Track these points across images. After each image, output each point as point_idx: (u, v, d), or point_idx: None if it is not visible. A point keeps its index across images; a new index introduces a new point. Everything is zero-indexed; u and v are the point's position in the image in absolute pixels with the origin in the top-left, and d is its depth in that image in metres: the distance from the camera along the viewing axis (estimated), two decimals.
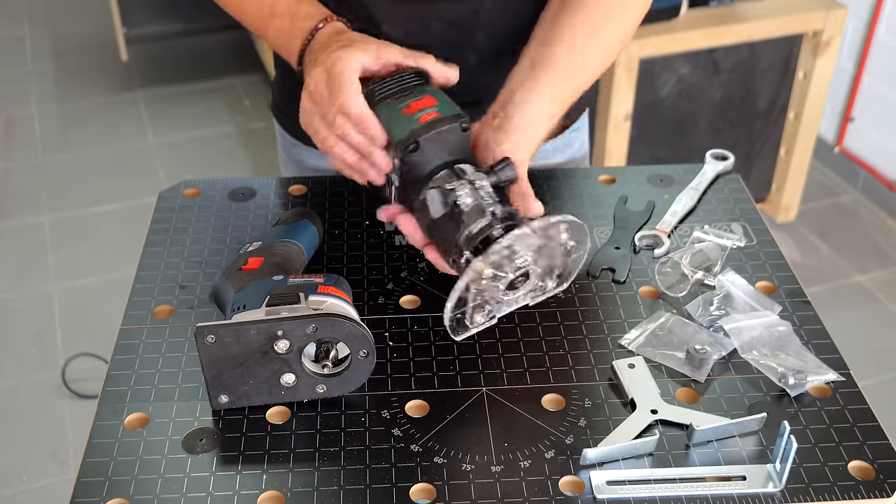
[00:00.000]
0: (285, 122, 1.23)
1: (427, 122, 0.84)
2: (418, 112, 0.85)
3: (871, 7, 2.71)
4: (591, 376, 0.88)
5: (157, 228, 1.06)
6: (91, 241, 2.73)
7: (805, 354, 0.89)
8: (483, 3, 1.04)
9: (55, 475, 2.05)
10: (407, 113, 0.85)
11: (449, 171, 0.84)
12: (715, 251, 0.99)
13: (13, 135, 3.23)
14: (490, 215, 0.79)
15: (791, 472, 0.77)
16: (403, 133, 0.84)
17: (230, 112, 3.34)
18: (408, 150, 0.84)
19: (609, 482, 0.77)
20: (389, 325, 0.93)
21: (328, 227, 1.06)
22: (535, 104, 0.93)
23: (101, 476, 0.78)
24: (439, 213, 0.82)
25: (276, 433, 0.82)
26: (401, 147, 0.84)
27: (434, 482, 0.77)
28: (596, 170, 1.17)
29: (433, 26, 1.04)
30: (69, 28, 3.88)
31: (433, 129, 0.84)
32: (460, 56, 1.06)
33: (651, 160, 2.49)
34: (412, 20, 1.04)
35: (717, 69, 2.42)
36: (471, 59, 1.07)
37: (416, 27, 1.04)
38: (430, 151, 0.84)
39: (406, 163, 0.85)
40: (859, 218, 2.82)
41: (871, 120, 2.82)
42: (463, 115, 0.86)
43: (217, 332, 0.79)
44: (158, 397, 0.85)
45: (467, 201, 0.81)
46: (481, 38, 1.06)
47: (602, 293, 0.98)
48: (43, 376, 2.28)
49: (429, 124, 0.84)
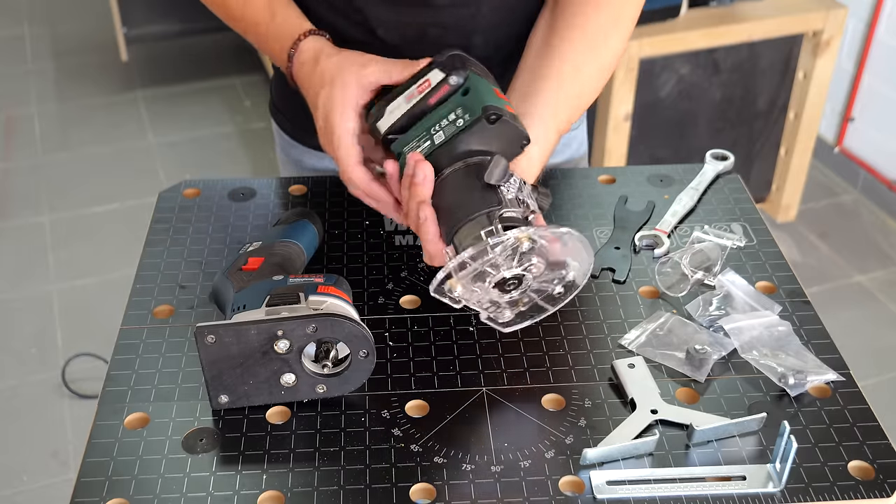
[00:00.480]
0: (283, 123, 1.23)
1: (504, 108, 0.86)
2: (500, 99, 0.87)
3: (871, 7, 2.71)
4: (591, 376, 0.88)
5: (157, 228, 1.06)
6: (91, 241, 2.73)
7: (805, 354, 0.89)
8: (480, 7, 1.03)
9: (55, 475, 2.05)
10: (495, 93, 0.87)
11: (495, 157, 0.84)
12: (715, 251, 0.99)
13: (13, 135, 3.23)
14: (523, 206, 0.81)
15: (791, 472, 0.77)
16: (481, 105, 0.85)
17: (230, 112, 3.35)
18: (489, 120, 0.85)
19: (609, 482, 0.78)
20: (389, 325, 0.93)
21: (328, 227, 1.06)
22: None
23: (101, 476, 0.78)
24: (493, 179, 0.81)
25: (276, 433, 0.82)
26: (484, 115, 0.85)
27: (434, 482, 0.77)
28: (596, 170, 1.17)
29: (430, 32, 1.04)
30: (69, 28, 3.88)
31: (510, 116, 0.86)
32: None
33: (651, 160, 2.49)
34: (408, 26, 1.04)
35: (717, 69, 2.42)
36: None
37: (413, 33, 1.04)
38: (497, 132, 0.85)
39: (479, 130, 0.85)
40: (859, 218, 2.83)
41: (871, 120, 2.82)
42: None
43: (217, 332, 0.79)
44: (158, 397, 0.85)
45: (510, 190, 0.82)
46: (478, 42, 1.06)
47: (602, 293, 0.98)
48: (43, 376, 2.28)
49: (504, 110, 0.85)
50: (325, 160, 1.18)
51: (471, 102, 0.86)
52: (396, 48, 1.04)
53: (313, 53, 0.96)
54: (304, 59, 0.96)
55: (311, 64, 0.95)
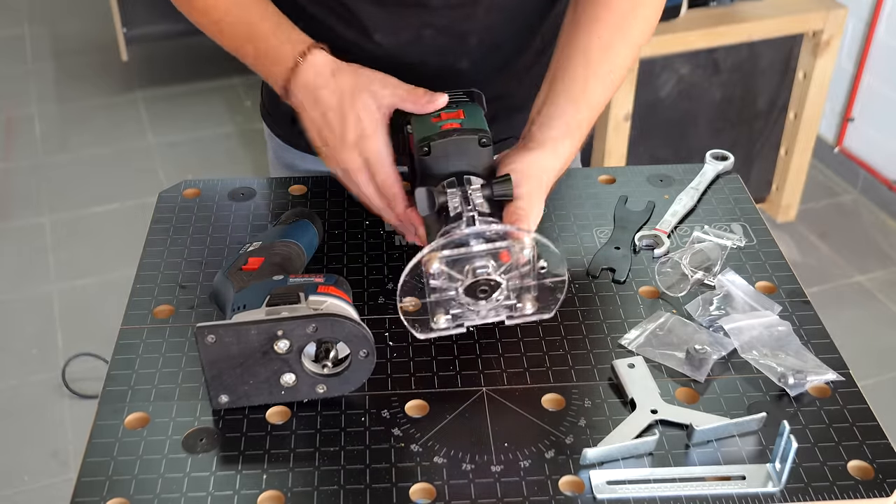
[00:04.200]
0: (274, 126, 1.22)
1: (445, 130, 0.89)
2: (443, 121, 0.91)
3: (871, 7, 2.71)
4: (591, 376, 0.88)
5: (157, 229, 1.06)
6: (91, 241, 2.73)
7: (805, 354, 0.89)
8: (475, 8, 1.03)
9: (55, 475, 2.05)
10: (434, 121, 0.91)
11: (456, 178, 0.87)
12: (715, 251, 0.99)
13: (13, 135, 3.23)
14: (467, 219, 0.81)
15: (790, 472, 0.77)
16: (421, 135, 0.90)
17: (230, 112, 3.35)
18: (421, 152, 0.89)
19: (609, 482, 0.78)
20: (389, 325, 0.93)
21: (328, 227, 1.06)
22: (559, 119, 0.94)
23: (101, 476, 0.78)
24: (425, 211, 0.86)
25: (276, 433, 0.82)
26: (416, 148, 0.90)
27: (434, 482, 0.77)
28: (596, 170, 1.17)
29: (425, 33, 1.04)
30: (69, 28, 3.88)
31: (447, 137, 0.89)
32: (453, 62, 1.07)
33: (651, 160, 2.49)
34: (404, 28, 1.04)
35: (717, 69, 2.42)
36: (464, 65, 1.07)
37: (409, 35, 1.04)
38: (441, 157, 0.89)
39: (421, 163, 0.89)
40: (859, 218, 2.83)
41: (871, 120, 2.82)
42: (484, 130, 0.89)
43: (217, 332, 0.79)
44: (158, 397, 0.85)
45: (454, 207, 0.83)
46: (473, 42, 1.06)
47: (602, 293, 0.98)
48: (43, 376, 2.28)
49: (445, 132, 0.89)
50: (319, 164, 1.18)
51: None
52: (392, 51, 1.04)
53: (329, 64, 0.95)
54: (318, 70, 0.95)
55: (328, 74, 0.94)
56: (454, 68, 1.07)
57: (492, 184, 0.85)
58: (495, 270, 0.81)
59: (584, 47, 0.97)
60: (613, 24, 0.98)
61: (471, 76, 1.07)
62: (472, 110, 0.93)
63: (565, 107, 0.94)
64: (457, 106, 0.93)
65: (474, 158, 0.89)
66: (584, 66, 0.96)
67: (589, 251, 1.03)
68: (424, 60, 1.05)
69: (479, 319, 0.85)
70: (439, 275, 0.81)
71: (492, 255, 0.81)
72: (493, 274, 0.81)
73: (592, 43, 0.97)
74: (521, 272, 0.82)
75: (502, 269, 0.81)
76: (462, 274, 0.81)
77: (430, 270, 0.80)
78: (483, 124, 0.91)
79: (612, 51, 0.97)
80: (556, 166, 0.93)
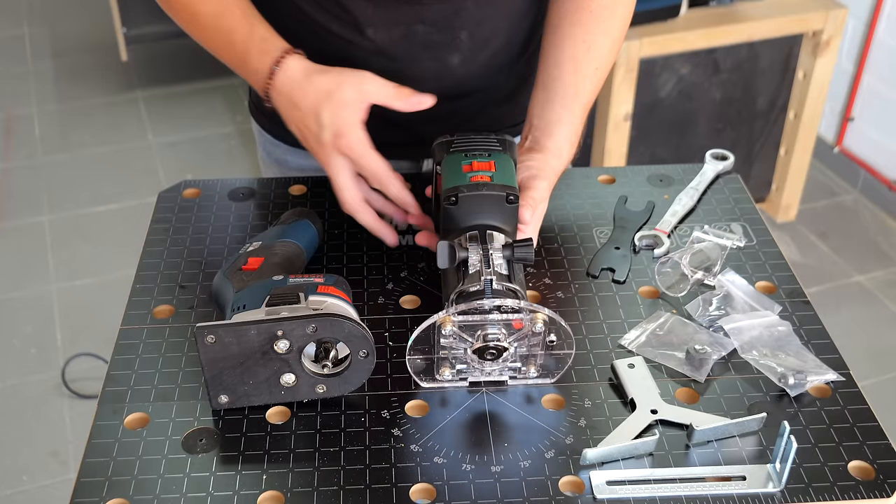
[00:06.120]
0: (263, 122, 1.23)
1: (474, 183, 0.89)
2: (474, 172, 0.91)
3: (871, 7, 2.71)
4: (591, 376, 0.88)
5: (157, 229, 1.06)
6: (91, 241, 2.73)
7: (805, 354, 0.89)
8: (465, 3, 1.04)
9: (55, 475, 2.05)
10: (465, 170, 0.91)
11: (479, 232, 0.88)
12: (715, 251, 0.99)
13: (13, 135, 3.23)
14: (485, 283, 0.82)
15: (791, 472, 0.77)
16: (450, 185, 0.90)
17: (230, 112, 3.35)
18: (448, 201, 0.89)
19: (609, 482, 0.78)
20: (389, 325, 0.93)
21: (328, 227, 1.06)
22: (558, 125, 1.00)
23: (101, 476, 0.78)
24: (445, 265, 0.85)
25: (276, 433, 0.82)
26: (443, 195, 0.90)
27: (434, 482, 0.77)
28: (596, 170, 1.17)
29: (416, 29, 1.05)
30: (69, 28, 3.88)
31: (476, 191, 0.89)
32: (444, 57, 1.07)
33: (651, 160, 2.49)
34: (395, 24, 1.04)
35: (717, 69, 2.42)
36: (454, 60, 1.08)
37: (401, 30, 1.05)
38: (466, 209, 0.89)
39: (446, 211, 0.89)
40: (859, 218, 2.83)
41: (871, 120, 2.82)
42: (513, 187, 0.90)
43: (217, 332, 0.79)
44: (158, 397, 0.85)
45: (473, 264, 0.85)
46: (464, 37, 1.06)
47: (602, 293, 0.98)
48: (43, 376, 2.28)
49: (474, 185, 0.89)
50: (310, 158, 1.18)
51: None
52: (384, 46, 1.05)
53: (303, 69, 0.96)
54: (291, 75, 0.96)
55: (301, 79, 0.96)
56: (445, 63, 1.08)
57: (513, 246, 0.86)
58: (505, 338, 0.83)
59: (571, 54, 1.02)
60: (594, 25, 1.03)
61: (461, 70, 1.08)
62: (503, 163, 0.93)
63: (562, 114, 1.01)
64: (489, 155, 0.93)
65: (500, 214, 0.89)
66: (573, 73, 1.02)
67: (589, 251, 1.03)
68: (415, 55, 1.06)
69: (482, 376, 0.87)
70: (450, 335, 0.82)
71: (504, 324, 0.82)
72: (503, 341, 0.82)
73: (578, 48, 1.02)
74: (531, 342, 0.84)
75: (512, 337, 0.83)
76: (473, 337, 0.83)
77: (443, 332, 0.82)
78: (513, 180, 0.91)
79: (595, 49, 1.03)
80: (560, 168, 1.00)
